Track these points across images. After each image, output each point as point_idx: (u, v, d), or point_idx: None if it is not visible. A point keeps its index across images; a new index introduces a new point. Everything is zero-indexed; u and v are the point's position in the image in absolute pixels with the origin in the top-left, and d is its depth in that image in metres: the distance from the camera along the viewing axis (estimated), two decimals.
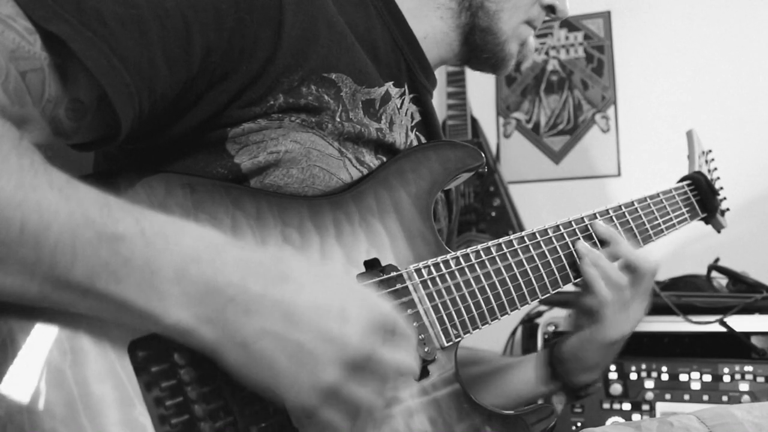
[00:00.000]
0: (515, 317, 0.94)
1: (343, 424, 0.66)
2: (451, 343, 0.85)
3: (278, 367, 0.61)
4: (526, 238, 0.94)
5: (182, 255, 0.60)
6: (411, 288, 0.83)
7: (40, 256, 0.56)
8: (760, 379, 1.49)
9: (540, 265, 0.94)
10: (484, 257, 0.89)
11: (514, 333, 1.93)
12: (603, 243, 1.00)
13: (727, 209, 1.32)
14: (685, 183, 1.21)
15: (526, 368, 1.10)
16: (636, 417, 1.55)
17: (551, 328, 1.66)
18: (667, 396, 1.54)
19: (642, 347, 1.63)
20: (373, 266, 0.82)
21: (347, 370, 0.63)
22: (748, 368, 1.50)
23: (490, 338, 1.57)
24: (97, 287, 0.58)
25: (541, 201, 2.54)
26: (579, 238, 0.98)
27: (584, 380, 1.05)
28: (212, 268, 0.61)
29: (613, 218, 1.04)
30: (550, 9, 1.07)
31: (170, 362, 0.65)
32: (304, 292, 0.63)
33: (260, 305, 0.61)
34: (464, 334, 0.86)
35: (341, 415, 0.65)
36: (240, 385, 0.65)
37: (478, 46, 1.04)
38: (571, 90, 2.57)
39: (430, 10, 1.02)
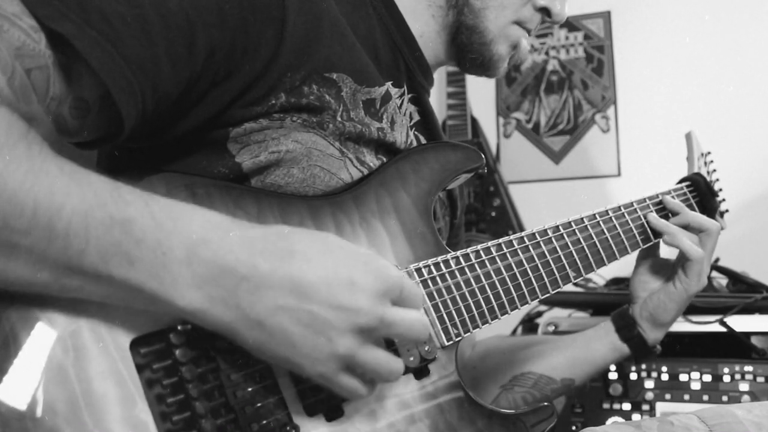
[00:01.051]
0: (515, 317, 0.94)
1: (362, 389, 0.68)
2: (451, 342, 0.85)
3: (295, 339, 0.63)
4: (525, 238, 0.94)
5: (192, 236, 0.61)
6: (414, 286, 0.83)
7: (53, 240, 0.57)
8: (760, 379, 1.49)
9: (540, 265, 0.94)
10: (484, 257, 0.89)
11: (514, 333, 1.93)
12: (673, 214, 1.11)
13: (726, 210, 1.32)
14: (684, 184, 1.21)
15: (605, 334, 1.16)
16: (636, 417, 1.55)
17: (551, 328, 1.66)
18: (667, 396, 1.54)
19: None
20: None
21: (361, 336, 0.66)
22: (748, 368, 1.50)
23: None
24: (110, 270, 0.59)
25: (541, 201, 2.54)
26: (652, 211, 1.10)
27: (658, 337, 1.14)
28: (221, 249, 0.62)
29: (613, 219, 1.04)
30: (545, 12, 1.04)
31: (172, 359, 0.65)
32: (311, 265, 0.64)
33: (271, 282, 0.63)
34: (464, 333, 0.86)
35: (360, 381, 0.68)
36: (241, 382, 0.65)
37: (465, 46, 1.03)
38: (571, 90, 2.57)
39: (424, 9, 1.02)
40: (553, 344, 1.21)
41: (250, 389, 0.69)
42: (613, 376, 1.58)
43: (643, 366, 1.57)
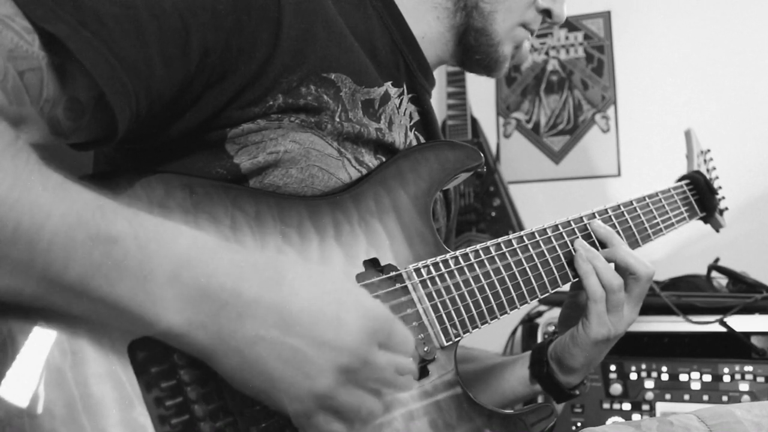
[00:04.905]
0: (515, 317, 0.94)
1: (341, 429, 0.66)
2: (450, 342, 0.85)
3: (273, 372, 0.62)
4: (525, 238, 0.94)
5: (175, 259, 0.60)
6: (410, 287, 0.83)
7: (34, 257, 0.56)
8: (760, 379, 1.49)
9: (539, 265, 0.94)
10: (483, 257, 0.89)
11: (514, 333, 1.93)
12: (602, 244, 0.99)
13: (726, 208, 1.32)
14: (683, 182, 1.21)
15: (520, 366, 1.08)
16: (636, 417, 1.55)
17: (551, 328, 1.66)
18: (667, 396, 1.54)
19: (642, 347, 1.63)
20: (372, 266, 0.82)
21: (343, 376, 0.63)
22: (748, 368, 1.50)
23: (490, 338, 1.57)
24: (90, 289, 0.58)
25: (541, 201, 2.54)
26: (578, 237, 0.98)
27: (569, 381, 1.04)
28: (205, 273, 0.61)
29: (612, 218, 1.04)
30: (547, 13, 1.06)
31: (170, 363, 0.65)
32: (298, 296, 0.63)
33: (254, 310, 0.61)
34: (464, 333, 0.86)
35: (338, 421, 0.65)
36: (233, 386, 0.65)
37: (472, 47, 1.04)
38: (571, 90, 2.57)
39: (428, 10, 1.02)
40: (477, 365, 1.13)
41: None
42: (613, 376, 1.57)
43: (643, 366, 1.57)
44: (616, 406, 1.57)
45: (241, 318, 0.61)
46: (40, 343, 0.60)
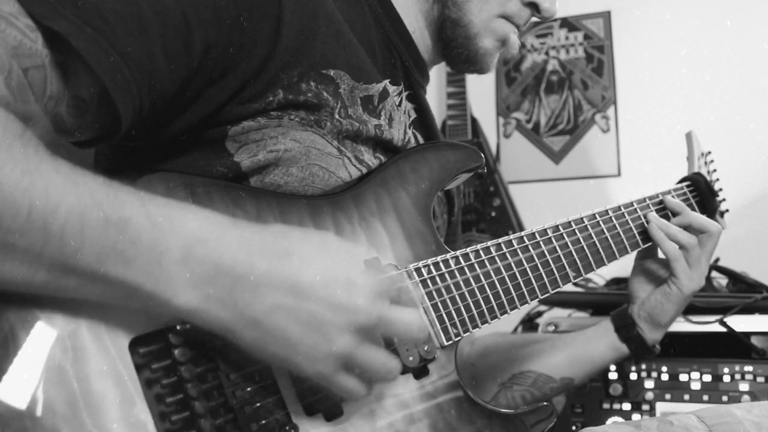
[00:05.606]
0: (515, 317, 0.94)
1: (360, 388, 0.69)
2: (450, 341, 0.85)
3: (292, 339, 0.64)
4: (525, 238, 0.94)
5: (188, 236, 0.61)
6: (410, 287, 0.83)
7: (48, 241, 0.56)
8: (760, 379, 1.49)
9: (539, 265, 0.94)
10: (483, 257, 0.89)
11: (514, 333, 1.93)
12: (674, 213, 1.12)
13: (727, 210, 1.32)
14: (684, 184, 1.21)
15: (605, 333, 1.17)
16: (636, 417, 1.55)
17: (551, 328, 1.66)
18: (667, 396, 1.54)
19: None
20: None
21: (359, 335, 0.66)
22: (748, 368, 1.50)
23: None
24: (106, 270, 0.58)
25: (541, 201, 2.54)
26: (652, 210, 1.10)
27: (657, 337, 1.15)
28: (218, 249, 0.62)
29: (613, 219, 1.04)
30: (534, 7, 1.03)
31: (171, 359, 0.65)
32: (309, 264, 0.65)
33: (268, 281, 0.63)
34: (464, 332, 0.86)
35: (358, 380, 0.68)
36: (240, 382, 0.65)
37: (450, 40, 1.02)
38: (571, 90, 2.57)
39: (414, 4, 1.02)
40: (551, 343, 1.21)
41: (249, 389, 0.69)
42: (613, 376, 1.57)
43: (643, 366, 1.57)
44: (616, 406, 1.57)
45: (256, 290, 0.62)
46: (41, 339, 0.60)
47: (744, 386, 1.49)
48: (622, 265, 1.13)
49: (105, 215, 0.58)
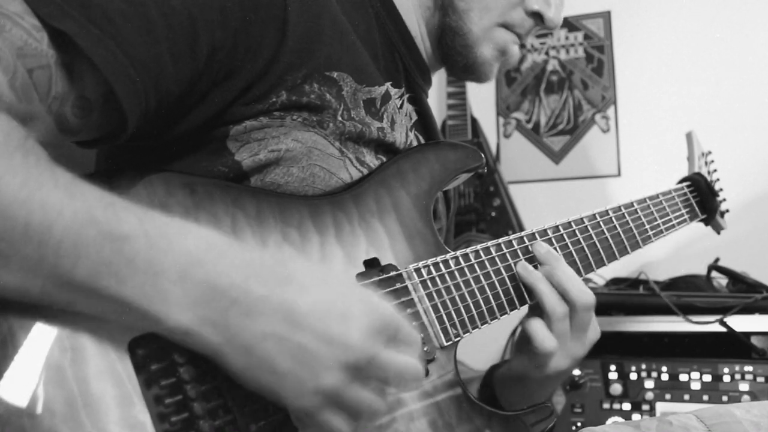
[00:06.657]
0: (515, 317, 0.94)
1: (345, 426, 0.66)
2: (450, 342, 0.85)
3: (280, 369, 0.62)
4: (525, 239, 0.94)
5: (185, 257, 0.60)
6: (410, 287, 0.83)
7: (44, 255, 0.56)
8: (760, 379, 1.49)
9: None
10: (483, 257, 0.89)
11: (514, 333, 1.93)
12: (542, 264, 0.89)
13: (727, 210, 1.32)
14: (684, 184, 1.21)
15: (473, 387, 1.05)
16: (636, 417, 1.55)
17: None
18: (667, 396, 1.54)
19: (642, 347, 1.63)
20: (372, 266, 0.82)
21: (349, 373, 0.63)
22: (748, 368, 1.50)
23: (490, 338, 1.57)
24: (100, 287, 0.58)
25: (541, 201, 2.54)
26: (521, 260, 0.89)
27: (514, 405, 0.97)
28: (215, 271, 0.61)
29: (613, 219, 1.04)
30: (537, 17, 1.01)
31: (170, 360, 0.65)
32: (306, 294, 0.63)
33: (263, 307, 0.61)
34: (464, 333, 0.86)
35: (343, 418, 0.66)
36: (240, 383, 0.65)
37: (449, 48, 1.02)
38: (571, 90, 2.57)
39: (416, 9, 1.02)
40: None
41: (248, 390, 0.69)
42: (613, 376, 1.58)
43: (643, 366, 1.57)
44: (616, 406, 1.57)
45: (250, 315, 0.61)
46: (40, 340, 0.60)
47: (744, 386, 1.49)
48: (622, 265, 1.13)
49: (101, 233, 0.57)
